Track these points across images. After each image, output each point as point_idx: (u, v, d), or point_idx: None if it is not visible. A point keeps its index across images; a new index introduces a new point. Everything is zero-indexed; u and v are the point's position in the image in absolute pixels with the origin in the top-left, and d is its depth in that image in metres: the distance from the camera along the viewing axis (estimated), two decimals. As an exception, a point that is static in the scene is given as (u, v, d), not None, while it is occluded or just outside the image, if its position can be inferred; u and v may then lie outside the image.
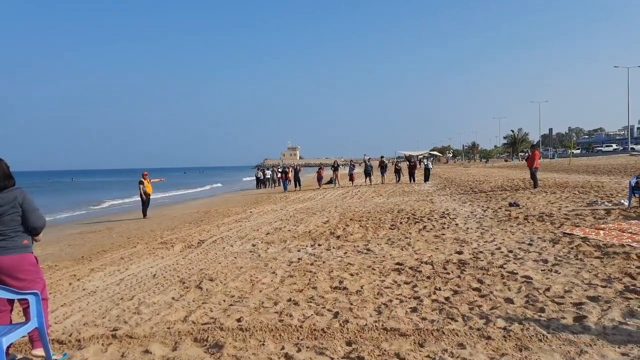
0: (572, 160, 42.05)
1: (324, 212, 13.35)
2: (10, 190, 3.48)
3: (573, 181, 18.87)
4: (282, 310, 4.48)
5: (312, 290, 5.16)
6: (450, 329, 3.79)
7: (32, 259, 3.61)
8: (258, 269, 6.40)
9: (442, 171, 42.45)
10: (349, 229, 9.74)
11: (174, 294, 5.37)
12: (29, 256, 3.58)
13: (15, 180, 3.60)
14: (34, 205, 3.58)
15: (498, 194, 15.79)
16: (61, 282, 6.49)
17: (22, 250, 3.50)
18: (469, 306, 4.38)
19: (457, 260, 6.27)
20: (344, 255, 7.09)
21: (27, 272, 3.51)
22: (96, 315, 4.81)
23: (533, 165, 16.41)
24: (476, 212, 11.42)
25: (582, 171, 26.90)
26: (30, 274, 3.54)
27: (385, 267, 6.08)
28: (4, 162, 3.53)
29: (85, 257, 8.65)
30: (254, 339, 3.77)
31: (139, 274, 6.65)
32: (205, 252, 8.14)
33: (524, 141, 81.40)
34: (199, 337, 3.86)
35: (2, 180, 3.45)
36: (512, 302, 4.45)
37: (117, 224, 14.92)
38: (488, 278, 5.31)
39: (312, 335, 3.77)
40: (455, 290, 4.92)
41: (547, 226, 8.59)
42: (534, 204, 11.97)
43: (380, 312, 4.30)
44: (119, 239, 11.16)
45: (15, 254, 3.44)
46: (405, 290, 4.98)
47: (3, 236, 3.42)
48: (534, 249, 6.78)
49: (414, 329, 3.82)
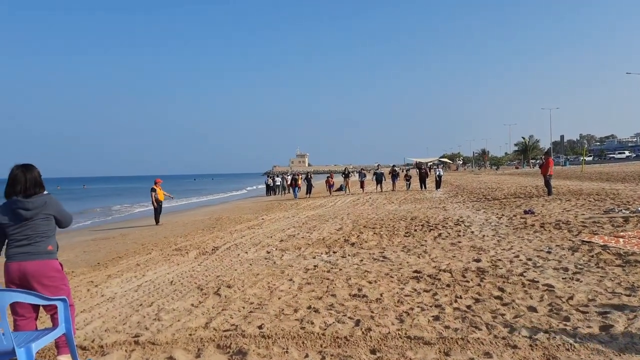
0: (585, 167, 41.68)
1: (337, 220, 13.33)
2: (40, 196, 3.52)
3: (587, 188, 18.68)
4: (303, 317, 4.46)
5: (332, 297, 5.14)
6: (475, 337, 3.74)
7: (57, 265, 3.61)
8: (275, 276, 6.39)
9: (452, 178, 42.26)
10: (363, 236, 9.71)
11: (192, 301, 5.37)
12: (54, 262, 3.57)
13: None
14: (62, 207, 3.66)
15: (512, 201, 15.67)
16: (79, 289, 6.52)
17: (46, 256, 3.50)
18: (491, 314, 4.33)
19: (476, 268, 6.21)
20: (360, 262, 7.06)
21: (51, 279, 3.51)
22: (117, 321, 4.83)
23: (547, 172, 16.29)
24: (491, 219, 11.34)
25: (595, 178, 26.64)
26: (55, 280, 3.54)
27: (404, 275, 6.04)
28: (36, 170, 3.59)
29: (101, 264, 8.70)
30: (277, 346, 3.75)
31: (156, 281, 6.67)
32: (220, 258, 8.15)
33: (535, 148, 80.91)
34: (222, 344, 3.85)
35: (32, 187, 3.49)
36: (536, 310, 4.39)
37: (131, 231, 15.00)
38: (509, 286, 5.26)
39: (335, 343, 3.75)
40: (476, 298, 4.87)
41: (565, 234, 8.50)
42: (549, 212, 11.86)
43: (402, 320, 4.26)
44: (133, 245, 11.21)
45: (39, 259, 3.45)
46: (425, 299, 4.94)
47: (29, 241, 3.44)
48: (553, 257, 6.70)
49: (438, 337, 3.78)
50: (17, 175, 3.52)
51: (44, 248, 3.50)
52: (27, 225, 3.44)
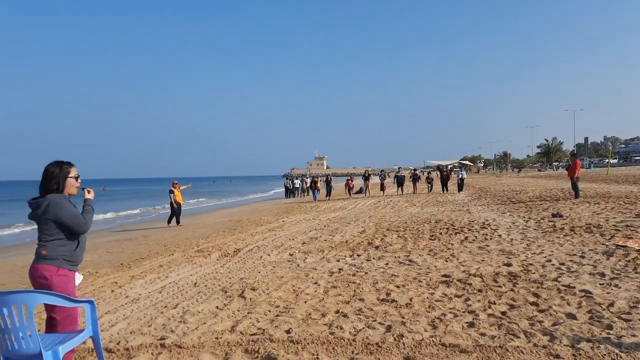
0: (610, 170, 40.67)
1: (359, 222, 13.17)
2: (45, 198, 3.30)
3: (615, 191, 18.17)
4: (332, 322, 4.33)
5: (359, 302, 5.00)
6: (513, 346, 3.57)
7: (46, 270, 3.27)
8: (299, 279, 6.28)
9: (474, 181, 41.67)
10: (387, 239, 9.54)
11: (217, 303, 5.29)
12: (43, 267, 3.27)
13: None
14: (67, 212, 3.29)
15: (538, 204, 15.30)
16: (103, 289, 6.51)
17: (38, 260, 3.28)
18: (529, 321, 4.14)
19: (507, 273, 6.01)
20: (386, 266, 6.90)
21: (38, 284, 3.27)
22: (142, 323, 4.77)
23: (574, 175, 15.88)
24: (518, 222, 11.05)
25: (622, 181, 25.94)
26: (41, 287, 3.25)
27: (432, 279, 5.87)
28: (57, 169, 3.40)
29: (125, 265, 8.71)
30: (306, 352, 3.63)
31: (180, 282, 6.62)
32: (242, 260, 8.08)
33: (558, 150, 79.31)
34: (250, 349, 3.75)
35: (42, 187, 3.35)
36: (575, 317, 4.19)
37: (153, 232, 15.08)
38: (544, 292, 5.05)
39: (367, 350, 3.61)
40: (511, 304, 4.68)
41: (597, 238, 8.22)
42: (578, 215, 11.52)
43: (435, 326, 4.10)
44: (155, 246, 11.23)
45: (34, 263, 3.29)
46: (457, 304, 4.77)
47: (38, 241, 3.33)
48: (587, 261, 6.46)
49: (474, 345, 3.62)
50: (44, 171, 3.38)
51: (39, 251, 3.30)
52: (38, 223, 3.33)
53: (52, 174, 3.37)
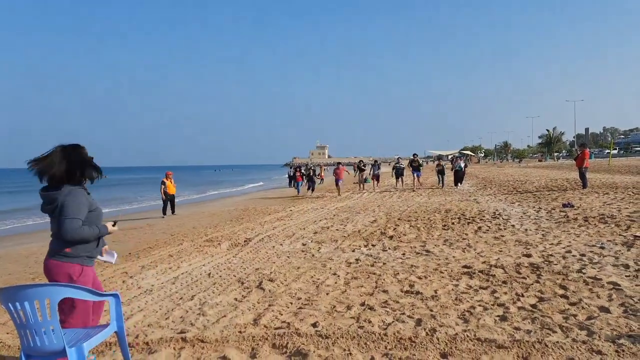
0: (612, 160, 40.55)
1: (368, 212, 13.02)
2: (57, 191, 3.04)
3: (621, 182, 18.06)
4: (359, 315, 4.19)
5: (383, 294, 4.86)
6: (552, 341, 3.43)
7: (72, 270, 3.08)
8: (317, 270, 6.14)
9: (476, 171, 41.48)
10: (399, 229, 9.40)
11: (235, 295, 5.15)
12: (66, 265, 3.07)
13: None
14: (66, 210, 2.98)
15: (546, 194, 15.17)
16: (114, 280, 6.36)
17: (60, 258, 3.07)
18: (562, 315, 4.01)
19: (529, 264, 5.87)
20: (403, 256, 6.77)
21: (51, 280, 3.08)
22: (158, 315, 4.63)
23: (583, 164, 15.73)
24: (529, 212, 10.92)
25: (624, 172, 25.86)
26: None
27: (454, 270, 5.73)
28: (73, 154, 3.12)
29: (133, 254, 8.55)
30: (337, 347, 3.49)
31: (193, 273, 6.48)
32: (255, 250, 7.93)
33: (559, 141, 79.09)
34: (277, 344, 3.61)
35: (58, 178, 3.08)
36: (609, 311, 4.06)
37: (158, 221, 14.92)
38: (571, 284, 4.92)
39: (400, 345, 3.47)
40: (540, 297, 4.55)
41: (613, 228, 8.09)
42: (589, 205, 11.39)
43: (467, 320, 3.97)
44: (162, 235, 11.08)
45: (55, 260, 3.07)
46: (485, 297, 4.63)
47: (52, 236, 3.11)
48: (608, 252, 6.33)
49: (511, 340, 3.48)
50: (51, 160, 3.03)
51: (60, 249, 3.07)
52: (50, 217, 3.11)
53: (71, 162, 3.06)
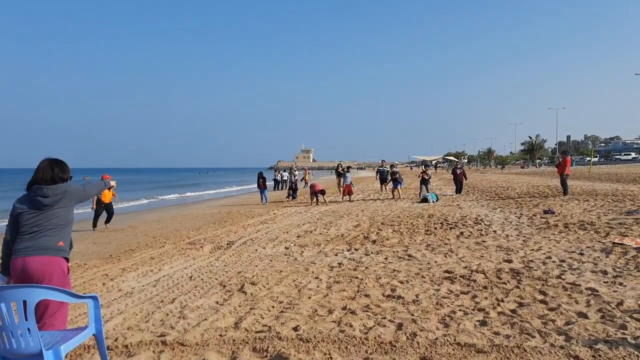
0: (592, 168, 41.29)
1: (352, 216, 13.04)
2: (61, 185, 3.28)
3: (601, 189, 18.38)
4: (340, 319, 4.19)
5: (365, 298, 4.87)
6: (531, 346, 3.47)
7: (64, 265, 3.19)
8: (299, 274, 6.13)
9: (459, 176, 41.80)
10: (382, 233, 9.44)
11: (217, 298, 5.11)
12: (61, 261, 3.16)
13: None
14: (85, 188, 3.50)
15: (527, 200, 15.38)
16: (94, 282, 6.27)
17: (54, 253, 3.12)
18: (541, 320, 4.06)
19: (509, 269, 5.94)
20: (386, 261, 6.79)
21: (54, 280, 3.08)
22: (138, 318, 4.57)
23: (564, 172, 15.99)
24: (510, 218, 11.06)
25: (604, 179, 26.32)
26: (58, 282, 3.08)
27: (435, 275, 5.77)
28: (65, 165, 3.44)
29: (114, 256, 8.44)
30: (318, 351, 3.48)
31: (174, 275, 6.42)
32: (237, 254, 7.89)
33: (541, 148, 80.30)
34: (258, 347, 3.59)
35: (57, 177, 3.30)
36: (587, 317, 4.12)
37: (140, 223, 14.76)
38: (550, 289, 4.98)
39: (381, 349, 3.48)
40: (519, 302, 4.60)
41: (593, 235, 8.23)
42: (569, 212, 11.57)
43: (447, 324, 3.99)
44: (144, 238, 10.96)
45: (46, 255, 3.08)
46: (465, 301, 4.67)
47: (40, 232, 3.10)
48: (587, 259, 6.43)
49: (490, 345, 3.51)
50: (44, 167, 3.27)
51: (54, 243, 3.13)
52: (42, 213, 3.13)
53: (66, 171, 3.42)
